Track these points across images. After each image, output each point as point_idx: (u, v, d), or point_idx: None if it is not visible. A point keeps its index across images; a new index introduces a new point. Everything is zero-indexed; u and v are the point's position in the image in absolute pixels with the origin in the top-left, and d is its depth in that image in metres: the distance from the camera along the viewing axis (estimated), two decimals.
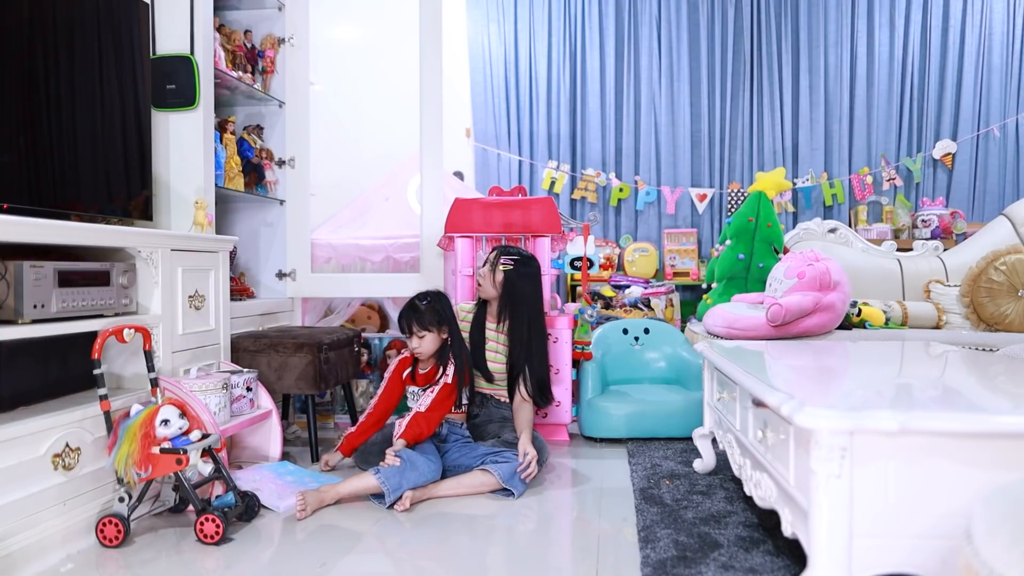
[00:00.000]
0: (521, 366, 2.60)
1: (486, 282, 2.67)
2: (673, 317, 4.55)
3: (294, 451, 2.78)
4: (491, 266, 2.66)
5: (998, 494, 1.01)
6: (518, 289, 2.64)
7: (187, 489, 1.90)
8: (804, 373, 1.93)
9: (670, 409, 2.91)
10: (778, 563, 1.68)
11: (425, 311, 2.43)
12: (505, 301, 2.65)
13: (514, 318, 2.64)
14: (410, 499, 2.14)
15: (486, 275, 2.67)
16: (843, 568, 1.27)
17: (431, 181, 3.24)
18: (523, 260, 2.68)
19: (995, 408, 1.45)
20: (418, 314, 2.43)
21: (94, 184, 2.22)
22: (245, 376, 2.46)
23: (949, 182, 5.08)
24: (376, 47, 4.70)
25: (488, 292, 2.67)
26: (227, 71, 2.93)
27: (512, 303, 2.64)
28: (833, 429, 1.25)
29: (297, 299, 3.36)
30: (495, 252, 2.71)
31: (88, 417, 1.90)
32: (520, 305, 2.64)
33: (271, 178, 3.26)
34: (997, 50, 4.99)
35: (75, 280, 1.92)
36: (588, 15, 5.24)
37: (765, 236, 3.44)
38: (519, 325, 2.63)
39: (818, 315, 2.94)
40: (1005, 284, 3.23)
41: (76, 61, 2.13)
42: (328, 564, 1.76)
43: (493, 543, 1.92)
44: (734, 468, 1.93)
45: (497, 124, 5.25)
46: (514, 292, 2.64)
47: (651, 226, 5.25)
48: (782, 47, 5.18)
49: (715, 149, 5.23)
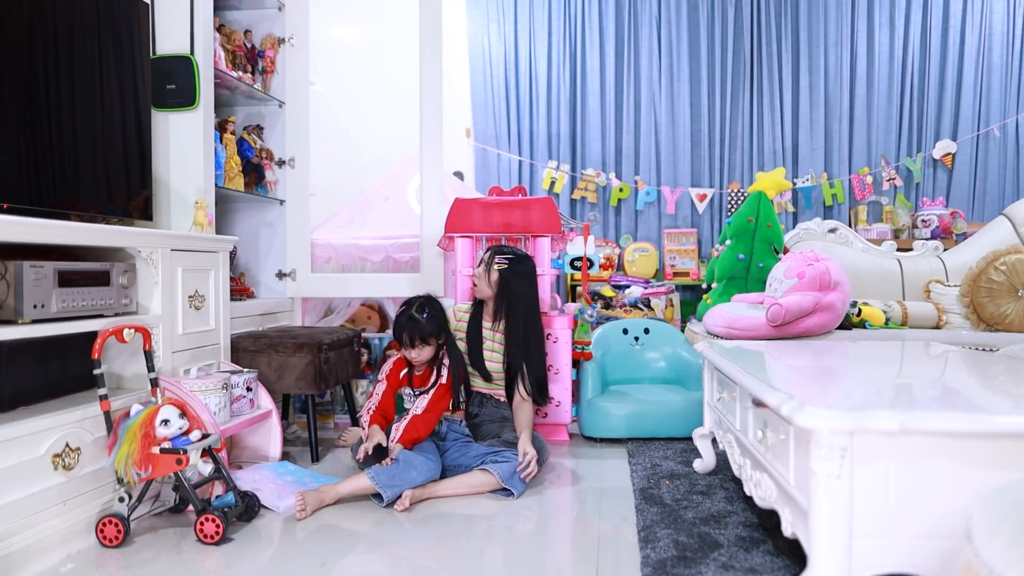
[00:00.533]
0: (519, 365, 2.60)
1: (481, 282, 2.67)
2: (673, 317, 4.55)
3: (294, 451, 2.78)
4: (486, 266, 2.66)
5: (998, 494, 1.01)
6: (513, 288, 2.64)
7: (187, 489, 1.90)
8: (804, 373, 1.93)
9: (670, 409, 2.91)
10: (778, 563, 1.68)
11: (426, 323, 2.42)
12: (501, 300, 2.65)
13: (510, 317, 2.64)
14: (410, 498, 2.14)
15: (481, 275, 2.67)
16: (843, 568, 1.27)
17: (431, 181, 3.24)
18: (518, 259, 2.68)
19: (995, 408, 1.45)
20: (419, 326, 2.41)
21: (94, 184, 2.22)
22: (245, 376, 2.46)
23: (949, 182, 5.08)
24: (376, 47, 4.70)
25: (484, 292, 2.67)
26: (227, 71, 2.93)
27: (508, 302, 2.64)
28: (833, 429, 1.25)
29: (297, 299, 3.36)
30: (489, 252, 2.70)
31: (88, 417, 1.90)
32: (516, 303, 2.64)
33: (271, 178, 3.26)
34: (997, 50, 4.99)
35: (75, 280, 1.92)
36: (588, 15, 5.24)
37: (765, 236, 3.44)
38: (515, 323, 2.63)
39: (818, 315, 2.94)
40: (1005, 284, 3.23)
41: (76, 61, 2.13)
42: (328, 564, 1.76)
43: (493, 543, 1.92)
44: (734, 468, 1.93)
45: (497, 124, 5.25)
46: (510, 291, 2.63)
47: (651, 226, 5.25)
48: (782, 47, 5.18)
49: (715, 149, 5.23)
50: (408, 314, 2.43)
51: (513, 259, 2.66)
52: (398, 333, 2.45)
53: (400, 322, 2.45)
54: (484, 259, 2.69)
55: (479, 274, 2.68)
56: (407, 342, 2.43)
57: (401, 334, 2.44)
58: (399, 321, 2.45)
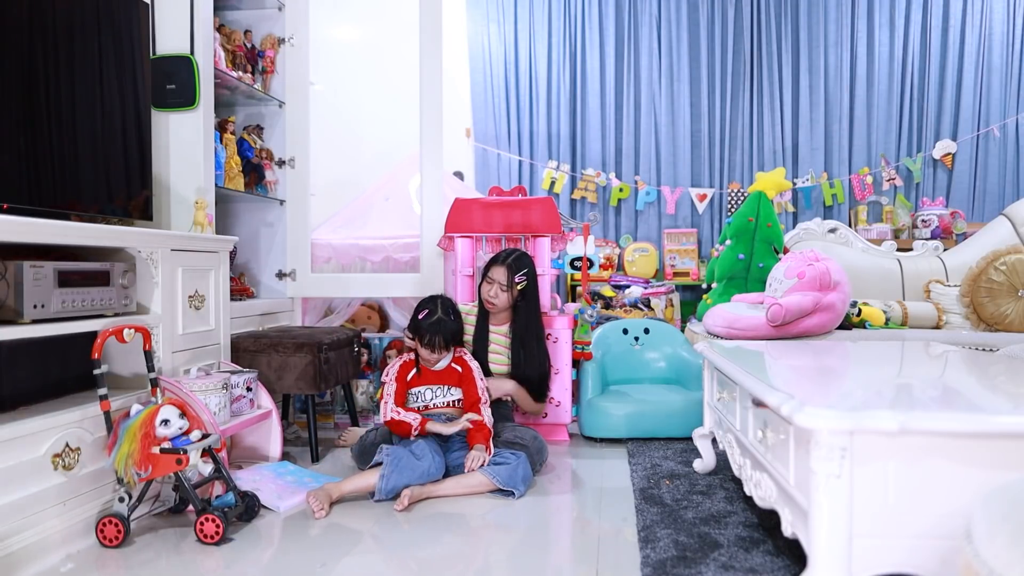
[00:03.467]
0: (523, 363, 2.63)
1: (501, 300, 2.68)
2: (673, 317, 4.54)
3: (294, 451, 2.78)
4: (506, 286, 2.66)
5: (998, 494, 1.01)
6: (528, 296, 2.72)
7: (187, 489, 1.90)
8: (804, 373, 1.93)
9: (670, 409, 2.91)
10: (778, 563, 1.68)
11: (455, 328, 2.46)
12: (516, 310, 2.72)
13: (519, 321, 2.70)
14: (409, 498, 2.14)
15: (499, 294, 2.67)
16: (843, 568, 1.27)
17: (431, 181, 3.24)
18: (529, 271, 2.72)
19: (995, 408, 1.45)
20: (451, 332, 2.43)
21: (94, 184, 2.22)
22: (245, 376, 2.45)
23: (949, 182, 5.08)
24: (376, 47, 4.70)
25: (503, 307, 2.70)
26: (227, 71, 2.93)
27: (522, 308, 2.71)
28: (833, 429, 1.25)
29: (297, 299, 3.36)
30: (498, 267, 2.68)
31: (88, 417, 1.90)
32: (527, 309, 2.71)
33: (271, 178, 3.26)
34: (997, 50, 4.99)
35: (75, 280, 1.91)
36: (588, 15, 5.24)
37: (765, 236, 3.44)
38: (521, 323, 2.67)
39: (818, 315, 2.94)
40: (1005, 284, 3.23)
41: (76, 61, 2.13)
42: (328, 564, 1.76)
43: (493, 543, 1.92)
44: (734, 468, 1.93)
45: (497, 124, 5.25)
46: (525, 300, 2.71)
47: (651, 226, 5.25)
48: (782, 47, 5.18)
49: (715, 149, 5.23)
50: (439, 319, 2.41)
51: (527, 272, 2.69)
52: (429, 337, 2.40)
53: (432, 326, 2.40)
54: (499, 282, 2.67)
55: (496, 294, 2.68)
56: (438, 345, 2.41)
57: (433, 337, 2.40)
58: (430, 324, 2.40)
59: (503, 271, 2.67)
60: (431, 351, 2.43)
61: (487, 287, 2.70)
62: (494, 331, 2.73)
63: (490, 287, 2.69)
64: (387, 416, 2.38)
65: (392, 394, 2.42)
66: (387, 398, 2.42)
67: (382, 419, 2.40)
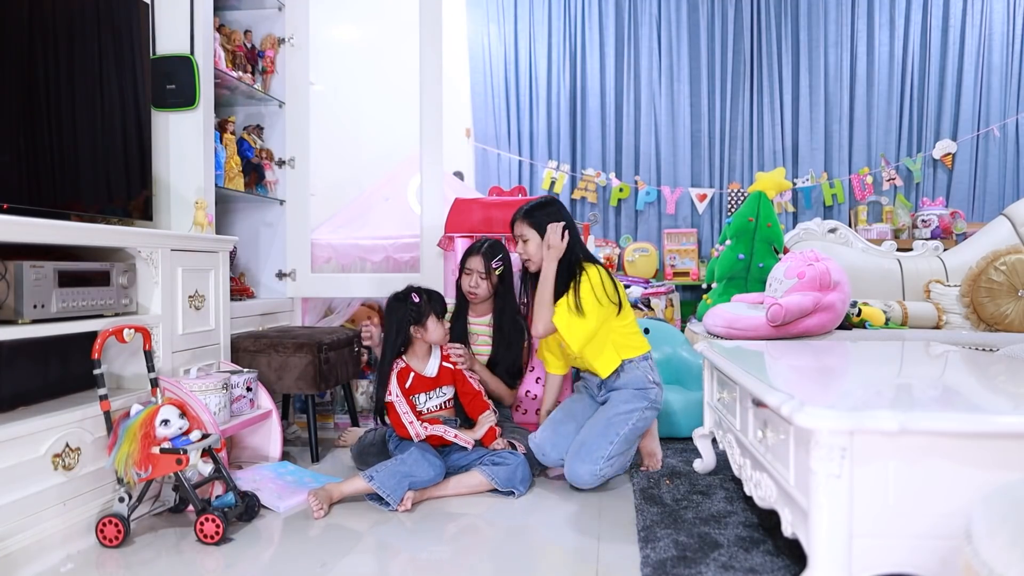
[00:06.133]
0: (503, 354, 2.67)
1: (482, 289, 2.67)
2: (673, 317, 4.54)
3: (294, 451, 2.78)
4: (484, 274, 2.66)
5: (998, 494, 1.01)
6: (506, 282, 2.72)
7: (187, 489, 1.90)
8: (804, 373, 1.93)
9: (670, 409, 2.91)
10: (778, 563, 1.68)
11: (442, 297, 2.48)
12: (497, 298, 2.72)
13: (502, 310, 2.71)
14: (411, 499, 2.14)
15: (479, 283, 2.66)
16: (843, 568, 1.27)
17: (431, 181, 3.24)
18: (504, 255, 2.71)
19: (995, 408, 1.45)
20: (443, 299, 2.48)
21: (94, 184, 2.22)
22: (245, 376, 2.45)
23: (949, 182, 5.08)
24: (376, 47, 4.69)
25: (485, 296, 2.69)
26: (227, 71, 2.93)
27: (501, 296, 2.72)
28: (833, 429, 1.25)
29: (297, 299, 3.36)
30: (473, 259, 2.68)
31: (88, 417, 1.90)
32: (506, 296, 2.71)
33: (271, 178, 3.26)
34: (997, 50, 4.99)
35: (75, 280, 1.91)
36: (588, 15, 5.24)
37: (765, 236, 3.44)
38: (502, 310, 2.70)
39: (818, 315, 2.94)
40: (1005, 284, 3.23)
41: (76, 61, 2.13)
42: (328, 564, 1.76)
43: (493, 543, 1.92)
44: (734, 468, 1.93)
45: (497, 124, 5.25)
46: (504, 286, 2.72)
47: (651, 226, 5.25)
48: (782, 47, 5.18)
49: (715, 149, 5.23)
50: (425, 290, 2.41)
51: (502, 257, 2.70)
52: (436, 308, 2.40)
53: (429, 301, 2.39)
54: (476, 268, 2.66)
55: (476, 283, 2.67)
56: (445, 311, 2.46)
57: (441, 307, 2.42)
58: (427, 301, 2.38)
59: (479, 260, 2.68)
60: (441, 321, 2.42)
61: (467, 279, 2.70)
62: (475, 323, 2.74)
63: (469, 277, 2.69)
64: (420, 436, 2.29)
65: (408, 411, 2.32)
66: (404, 416, 2.31)
67: (415, 439, 2.30)
